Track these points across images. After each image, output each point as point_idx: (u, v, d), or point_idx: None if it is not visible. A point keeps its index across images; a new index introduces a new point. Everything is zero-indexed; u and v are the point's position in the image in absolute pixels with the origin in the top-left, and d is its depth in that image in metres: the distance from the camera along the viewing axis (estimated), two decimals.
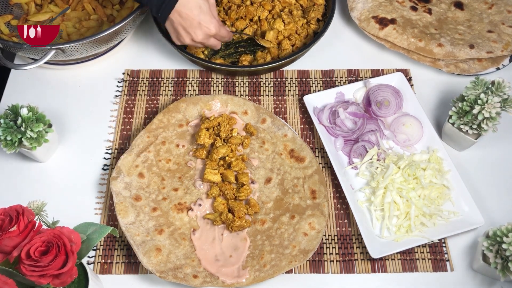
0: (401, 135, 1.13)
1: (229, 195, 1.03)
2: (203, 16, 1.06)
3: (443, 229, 1.00)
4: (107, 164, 1.12)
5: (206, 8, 1.06)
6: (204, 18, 1.06)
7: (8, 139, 1.00)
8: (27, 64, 1.11)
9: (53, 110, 1.18)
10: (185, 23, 1.06)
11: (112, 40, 1.19)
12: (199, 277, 0.94)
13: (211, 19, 1.07)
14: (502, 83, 1.03)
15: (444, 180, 1.06)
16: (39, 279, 0.70)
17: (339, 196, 1.07)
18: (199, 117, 1.15)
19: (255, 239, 1.00)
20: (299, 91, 1.24)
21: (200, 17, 1.05)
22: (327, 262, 1.00)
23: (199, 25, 1.06)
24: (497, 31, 1.25)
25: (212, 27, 1.07)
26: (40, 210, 0.80)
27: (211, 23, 1.07)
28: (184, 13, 1.04)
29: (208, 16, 1.06)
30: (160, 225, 1.00)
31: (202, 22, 1.06)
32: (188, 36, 1.08)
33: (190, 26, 1.06)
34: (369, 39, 1.31)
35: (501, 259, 0.88)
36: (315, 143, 1.16)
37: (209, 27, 1.07)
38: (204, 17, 1.06)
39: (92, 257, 1.00)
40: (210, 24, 1.07)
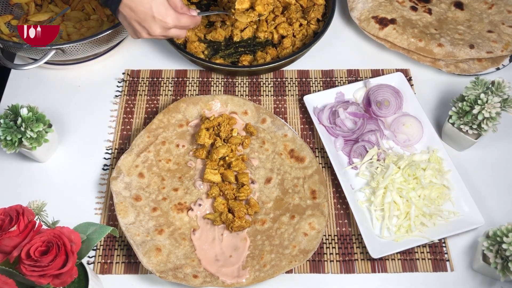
0: (401, 135, 1.13)
1: (229, 195, 1.03)
2: (157, 8, 0.95)
3: (443, 229, 1.00)
4: (107, 164, 1.12)
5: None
6: (159, 10, 0.96)
7: (8, 139, 1.00)
8: (27, 64, 1.11)
9: (53, 110, 1.18)
10: (138, 17, 0.96)
11: (112, 40, 1.19)
12: (199, 277, 0.94)
13: (166, 10, 0.96)
14: (502, 83, 1.03)
15: (444, 180, 1.06)
16: (39, 279, 0.70)
17: (339, 196, 1.07)
18: (199, 117, 1.15)
19: (255, 239, 1.00)
20: (299, 91, 1.24)
21: (154, 10, 0.95)
22: (327, 262, 1.00)
23: (153, 18, 0.96)
24: (497, 31, 1.26)
25: (169, 20, 0.97)
26: (40, 210, 0.80)
27: (167, 16, 0.97)
28: (135, 7, 0.95)
29: (163, 8, 0.96)
30: (160, 225, 1.00)
31: (156, 15, 0.96)
32: (144, 30, 0.99)
33: (144, 20, 0.97)
34: (369, 39, 1.31)
35: (501, 259, 0.88)
36: (315, 143, 1.16)
37: (165, 20, 0.97)
38: (158, 9, 0.96)
39: (92, 257, 1.00)
40: (166, 17, 0.97)
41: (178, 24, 0.99)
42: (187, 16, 1.01)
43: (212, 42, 1.30)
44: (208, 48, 1.29)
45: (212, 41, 1.30)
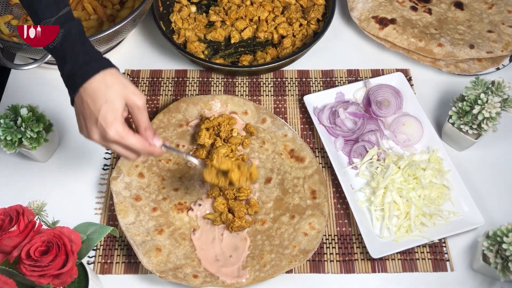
0: (401, 135, 1.13)
1: (229, 195, 1.03)
2: (105, 113, 0.78)
3: (443, 229, 1.00)
4: (107, 164, 1.12)
5: (115, 105, 0.78)
6: (105, 116, 0.78)
7: (8, 139, 1.00)
8: (27, 64, 1.11)
9: (53, 110, 1.17)
10: (84, 113, 0.80)
11: (112, 40, 1.19)
12: (199, 277, 0.94)
13: (114, 120, 0.78)
14: (502, 83, 1.03)
15: (444, 180, 1.06)
16: (39, 279, 0.70)
17: (339, 196, 1.07)
18: (199, 117, 1.15)
19: (255, 239, 1.00)
20: (299, 91, 1.24)
21: (100, 113, 0.78)
22: (327, 262, 1.00)
23: (95, 122, 0.79)
24: (497, 31, 1.26)
25: (110, 131, 0.78)
26: (40, 210, 0.80)
27: (111, 126, 0.78)
28: (86, 102, 0.79)
29: (111, 116, 0.78)
30: (160, 225, 1.00)
31: (100, 120, 0.78)
32: (85, 130, 0.82)
33: (88, 119, 0.80)
34: (369, 39, 1.31)
35: (501, 259, 0.88)
36: (315, 143, 1.16)
37: (106, 130, 0.78)
38: (105, 115, 0.78)
39: (92, 257, 1.00)
40: (109, 127, 0.78)
41: (121, 141, 0.80)
42: (139, 139, 0.82)
43: (212, 42, 1.30)
44: (208, 48, 1.29)
45: (212, 41, 1.31)
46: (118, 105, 0.79)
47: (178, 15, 1.32)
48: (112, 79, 0.80)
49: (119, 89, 0.79)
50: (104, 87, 0.79)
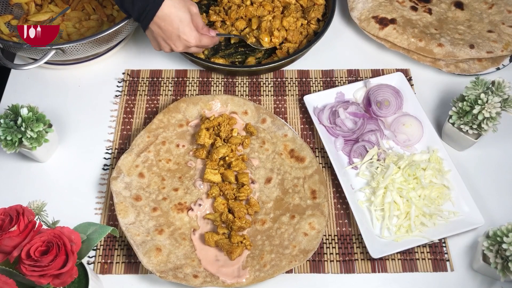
0: (401, 135, 1.13)
1: (229, 195, 1.03)
2: (183, 29, 1.04)
3: (443, 229, 1.00)
4: (107, 164, 1.12)
5: (187, 20, 1.04)
6: (184, 30, 1.04)
7: (8, 139, 1.00)
8: (27, 64, 1.11)
9: (53, 110, 1.18)
10: (164, 34, 1.05)
11: (112, 40, 1.19)
12: (199, 277, 0.94)
13: (190, 31, 1.05)
14: (502, 83, 1.03)
15: (444, 180, 1.06)
16: (39, 279, 0.70)
17: (339, 196, 1.07)
18: (199, 117, 1.15)
19: (255, 239, 1.00)
20: (299, 91, 1.24)
21: (180, 30, 1.04)
22: (327, 262, 1.00)
23: (178, 37, 1.05)
24: (497, 31, 1.26)
25: (192, 39, 1.06)
26: (40, 210, 0.80)
27: (191, 36, 1.05)
28: (164, 26, 1.03)
29: (188, 28, 1.04)
30: (160, 225, 1.00)
31: (181, 35, 1.04)
32: (168, 47, 1.08)
33: (170, 38, 1.05)
34: (369, 39, 1.31)
35: (501, 259, 0.88)
36: (315, 143, 1.16)
37: (189, 40, 1.05)
38: (184, 29, 1.04)
39: (92, 257, 1.00)
40: (190, 37, 1.05)
41: (199, 44, 1.08)
42: (207, 37, 1.10)
43: None
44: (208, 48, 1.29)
45: None
46: (188, 19, 1.03)
47: None
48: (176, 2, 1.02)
49: (183, 5, 1.02)
50: (174, 9, 1.01)
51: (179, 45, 1.06)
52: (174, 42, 1.06)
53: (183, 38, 1.05)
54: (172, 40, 1.05)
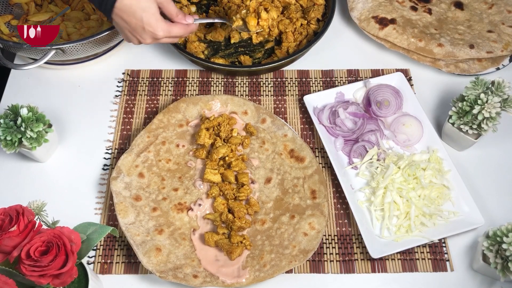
0: (401, 135, 1.13)
1: (229, 195, 1.03)
2: (148, 20, 0.95)
3: (443, 229, 1.00)
4: (107, 164, 1.12)
5: (151, 9, 0.95)
6: (149, 21, 0.96)
7: (8, 139, 1.00)
8: (27, 64, 1.11)
9: (53, 110, 1.18)
10: (129, 26, 0.97)
11: (112, 40, 1.19)
12: (199, 277, 0.94)
13: (157, 22, 0.96)
14: (502, 83, 1.03)
15: (444, 180, 1.06)
16: (39, 279, 0.70)
17: (339, 196, 1.07)
18: (199, 117, 1.15)
19: (255, 239, 1.00)
20: (299, 91, 1.24)
21: (144, 21, 0.95)
22: (327, 262, 1.00)
23: (143, 29, 0.97)
24: (497, 31, 1.26)
25: (159, 31, 0.97)
26: (40, 210, 0.80)
27: (157, 27, 0.97)
28: (126, 17, 0.96)
29: (153, 19, 0.96)
30: (160, 225, 1.00)
31: (146, 26, 0.96)
32: (135, 39, 1.01)
33: (135, 30, 0.98)
34: (369, 39, 1.31)
35: (501, 259, 0.88)
36: (315, 143, 1.16)
37: (155, 31, 0.97)
38: (148, 20, 0.95)
39: (92, 257, 1.00)
40: (156, 28, 0.97)
41: (169, 35, 1.00)
42: (180, 26, 1.01)
43: (212, 42, 1.30)
44: (208, 48, 1.29)
45: (212, 41, 1.31)
46: (153, 9, 0.95)
47: None
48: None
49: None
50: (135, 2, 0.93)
51: (146, 37, 0.99)
52: (140, 34, 0.98)
53: (149, 30, 0.97)
54: (138, 32, 0.98)
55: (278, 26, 1.29)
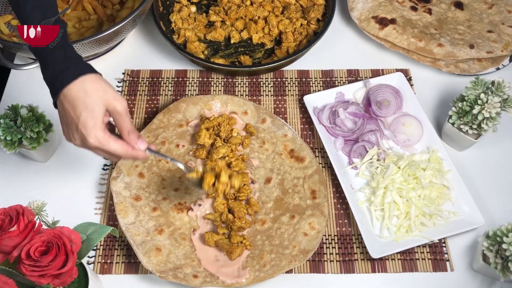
0: (401, 135, 1.13)
1: (229, 195, 1.03)
2: (84, 119, 0.78)
3: (443, 229, 1.00)
4: (107, 164, 1.12)
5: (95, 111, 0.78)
6: (85, 122, 0.78)
7: (8, 139, 1.00)
8: (27, 64, 1.11)
9: (53, 110, 1.16)
10: (66, 119, 0.81)
11: (112, 40, 1.19)
12: (199, 277, 0.94)
13: (93, 126, 0.78)
14: (502, 83, 1.03)
15: (444, 180, 1.06)
16: (39, 279, 0.70)
17: (339, 196, 1.07)
18: (199, 117, 1.15)
19: (255, 239, 1.00)
20: (299, 91, 1.24)
21: (80, 120, 0.78)
22: (327, 262, 1.00)
23: (76, 128, 0.79)
24: (497, 31, 1.26)
25: (90, 139, 0.78)
26: (40, 210, 0.80)
27: (90, 133, 0.78)
28: (67, 108, 0.79)
29: (91, 122, 0.78)
30: (160, 225, 1.00)
31: (80, 127, 0.78)
32: (67, 133, 0.83)
33: (69, 125, 0.81)
34: (369, 39, 1.31)
35: (501, 259, 0.88)
36: (315, 143, 1.16)
37: (86, 136, 0.78)
38: (85, 122, 0.78)
39: (92, 257, 1.00)
40: (89, 134, 0.78)
41: (102, 147, 0.80)
42: (122, 145, 0.82)
43: (212, 42, 1.30)
44: (208, 48, 1.29)
45: (212, 41, 1.31)
46: (97, 112, 0.78)
47: (178, 15, 1.32)
48: (91, 86, 0.79)
49: (99, 96, 0.79)
50: (83, 94, 0.78)
51: (76, 137, 0.80)
52: (71, 131, 0.81)
53: (81, 131, 0.78)
54: (70, 128, 0.81)
55: (278, 26, 1.29)
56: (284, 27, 1.29)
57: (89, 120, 0.78)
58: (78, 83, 0.79)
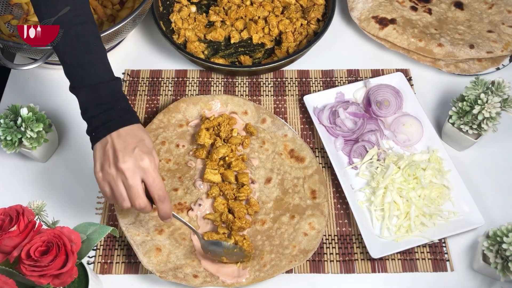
0: (401, 135, 1.13)
1: (229, 195, 1.03)
2: (149, 142, 0.85)
3: (443, 229, 1.00)
4: None
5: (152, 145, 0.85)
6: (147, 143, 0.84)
7: (8, 139, 1.00)
8: (27, 64, 1.11)
9: (53, 110, 1.18)
10: (117, 147, 0.82)
11: (112, 40, 1.19)
12: (199, 277, 0.94)
13: (152, 151, 0.84)
14: (502, 83, 1.03)
15: (444, 180, 1.06)
16: (39, 279, 0.70)
17: (339, 196, 1.07)
18: (199, 117, 1.15)
19: (255, 239, 1.00)
20: (299, 91, 1.24)
21: (141, 143, 0.83)
22: (327, 262, 1.00)
23: (133, 149, 0.81)
24: (497, 31, 1.26)
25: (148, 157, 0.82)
26: (40, 210, 0.80)
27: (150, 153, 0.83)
28: (120, 139, 0.82)
29: (151, 146, 0.85)
30: (160, 225, 1.00)
31: (140, 146, 0.82)
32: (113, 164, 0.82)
33: (123, 149, 0.81)
34: (369, 39, 1.31)
35: (501, 259, 0.88)
36: (315, 143, 1.16)
37: (144, 155, 0.82)
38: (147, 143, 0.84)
39: (92, 257, 1.00)
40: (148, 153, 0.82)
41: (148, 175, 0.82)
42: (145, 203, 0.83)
43: (212, 42, 1.30)
44: (208, 48, 1.29)
45: (212, 41, 1.31)
46: (151, 147, 0.84)
47: (178, 15, 1.32)
48: (145, 131, 0.87)
49: (150, 140, 0.86)
50: (142, 131, 0.85)
51: (127, 160, 0.81)
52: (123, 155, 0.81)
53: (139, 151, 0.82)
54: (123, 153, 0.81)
55: (278, 26, 1.29)
56: (284, 27, 1.29)
57: (145, 148, 0.82)
58: (139, 125, 0.86)
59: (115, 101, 0.86)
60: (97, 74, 0.88)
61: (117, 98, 0.87)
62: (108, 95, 0.86)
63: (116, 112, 0.85)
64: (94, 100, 0.86)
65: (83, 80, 0.87)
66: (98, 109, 0.85)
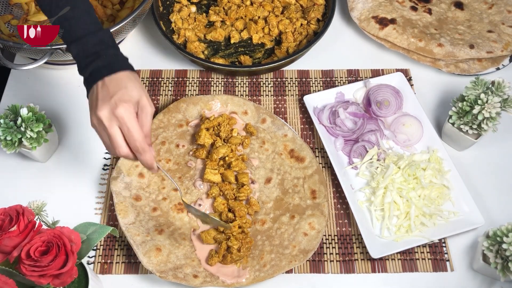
0: (401, 135, 1.13)
1: (229, 195, 1.03)
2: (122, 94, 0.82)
3: (443, 229, 1.00)
4: (107, 164, 1.12)
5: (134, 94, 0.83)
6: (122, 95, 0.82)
7: (8, 139, 1.00)
8: (27, 64, 1.11)
9: (53, 110, 1.18)
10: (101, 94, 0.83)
11: None
12: (199, 277, 0.94)
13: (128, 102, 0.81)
14: (502, 83, 1.03)
15: (444, 180, 1.06)
16: (39, 279, 0.70)
17: (339, 196, 1.07)
18: (199, 117, 1.15)
19: (255, 239, 1.00)
20: (299, 91, 1.24)
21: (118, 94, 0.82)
22: (327, 262, 1.00)
23: (110, 99, 0.81)
24: (497, 31, 1.26)
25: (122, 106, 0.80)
26: (40, 210, 0.80)
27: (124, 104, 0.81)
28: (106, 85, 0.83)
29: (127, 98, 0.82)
30: (160, 225, 1.00)
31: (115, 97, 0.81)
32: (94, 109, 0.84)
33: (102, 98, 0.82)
34: (369, 39, 1.31)
35: (501, 259, 0.88)
36: (315, 143, 1.16)
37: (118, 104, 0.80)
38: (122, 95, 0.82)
39: (92, 257, 1.00)
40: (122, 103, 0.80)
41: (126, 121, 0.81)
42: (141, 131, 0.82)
43: (212, 42, 1.30)
44: (208, 48, 1.29)
45: (212, 41, 1.31)
46: (135, 95, 0.83)
47: (178, 15, 1.32)
48: (135, 78, 0.86)
49: (139, 87, 0.85)
50: (127, 79, 0.84)
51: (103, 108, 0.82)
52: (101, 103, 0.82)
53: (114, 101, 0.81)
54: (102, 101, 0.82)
55: (278, 26, 1.29)
56: (284, 27, 1.29)
57: (126, 96, 0.82)
58: (126, 72, 0.85)
59: (102, 50, 0.87)
60: (83, 27, 0.90)
61: (105, 47, 0.88)
62: (95, 46, 0.87)
63: (102, 61, 0.86)
64: (83, 52, 0.88)
65: (71, 35, 0.90)
66: (86, 60, 0.87)
